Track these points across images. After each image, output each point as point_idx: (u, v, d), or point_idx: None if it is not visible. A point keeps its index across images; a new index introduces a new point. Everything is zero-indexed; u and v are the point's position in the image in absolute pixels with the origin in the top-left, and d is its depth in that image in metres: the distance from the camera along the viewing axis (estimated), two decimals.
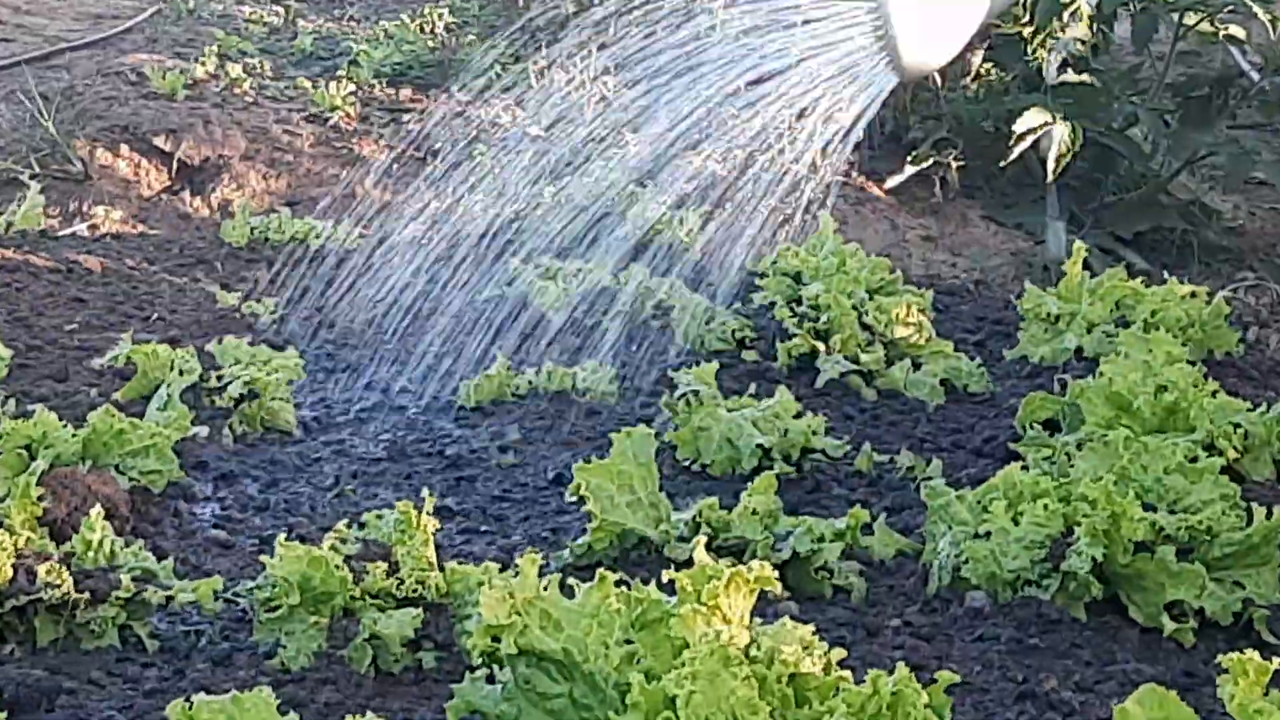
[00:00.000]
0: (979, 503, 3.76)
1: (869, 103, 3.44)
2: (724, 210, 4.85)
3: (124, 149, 6.99)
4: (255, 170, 7.03)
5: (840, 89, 3.46)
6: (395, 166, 7.30)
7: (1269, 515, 3.57)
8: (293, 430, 4.68)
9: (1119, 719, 2.77)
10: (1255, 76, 7.49)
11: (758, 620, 2.96)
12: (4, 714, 2.96)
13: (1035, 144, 6.68)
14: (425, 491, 3.68)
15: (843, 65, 3.37)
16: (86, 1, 11.50)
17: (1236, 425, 4.21)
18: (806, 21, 3.48)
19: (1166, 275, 5.39)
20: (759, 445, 4.31)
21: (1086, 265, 5.39)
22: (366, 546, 3.50)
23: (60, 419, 4.08)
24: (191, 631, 3.42)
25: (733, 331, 5.22)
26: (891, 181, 7.09)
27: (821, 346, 5.02)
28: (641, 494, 3.79)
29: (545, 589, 2.95)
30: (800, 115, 3.65)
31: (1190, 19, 7.04)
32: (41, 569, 3.29)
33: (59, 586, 3.28)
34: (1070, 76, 7.00)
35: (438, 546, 3.46)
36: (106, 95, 7.77)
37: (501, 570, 3.27)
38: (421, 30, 9.14)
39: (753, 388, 4.73)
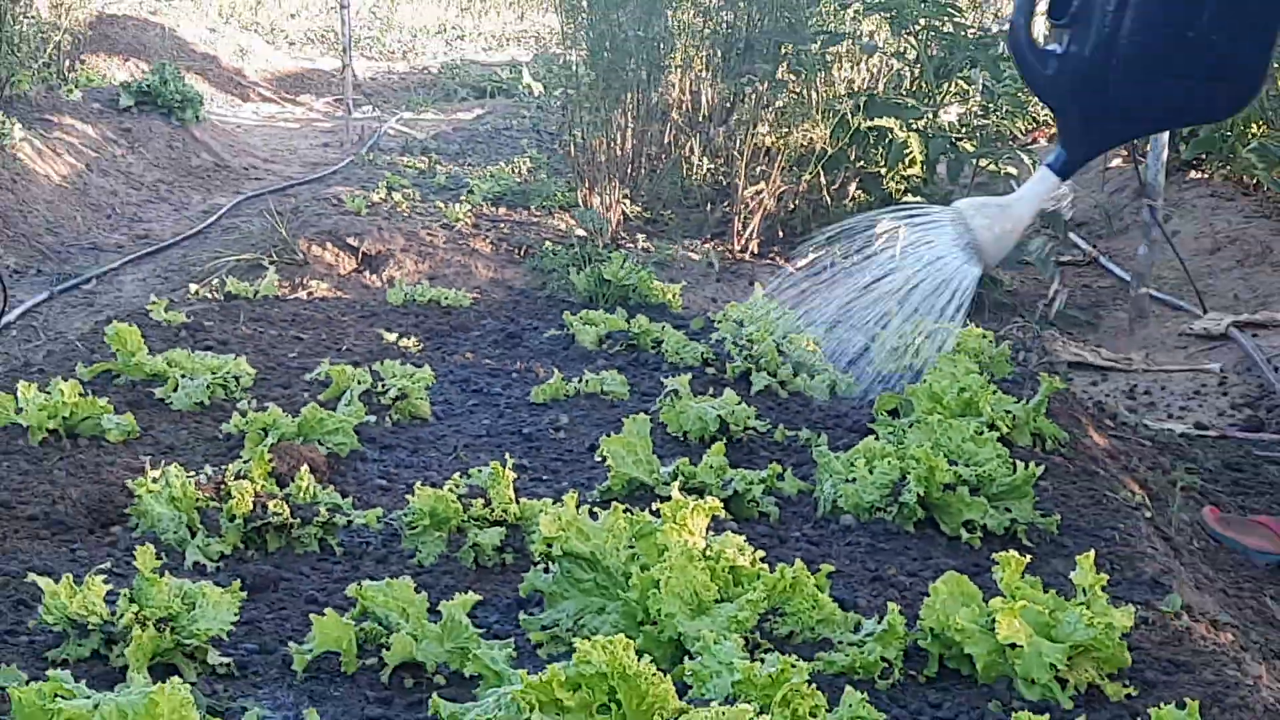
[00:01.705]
0: (849, 461, 4.01)
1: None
2: None
3: (328, 245, 7.41)
4: (409, 258, 7.39)
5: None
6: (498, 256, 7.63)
7: (1026, 467, 3.83)
8: (428, 418, 4.80)
9: (932, 593, 3.03)
10: None
11: (711, 533, 3.30)
12: (245, 594, 3.16)
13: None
14: (507, 456, 3.98)
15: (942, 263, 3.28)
16: (308, 157, 12.23)
17: (1008, 412, 4.45)
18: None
19: (967, 322, 5.11)
20: (717, 418, 4.47)
21: None
22: (471, 489, 3.76)
23: (284, 411, 4.38)
24: (363, 542, 3.69)
25: (701, 354, 5.41)
26: (800, 262, 7.02)
27: (754, 366, 5.21)
28: (642, 456, 4.00)
29: (580, 514, 3.24)
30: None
31: (983, 163, 7.48)
32: (271, 504, 3.61)
33: (281, 515, 3.59)
34: (910, 199, 7.23)
35: (516, 489, 3.68)
36: (318, 212, 8.24)
37: (554, 503, 3.47)
38: (513, 171, 9.76)
39: (711, 390, 4.90)
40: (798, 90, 7.65)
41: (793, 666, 2.57)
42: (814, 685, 2.56)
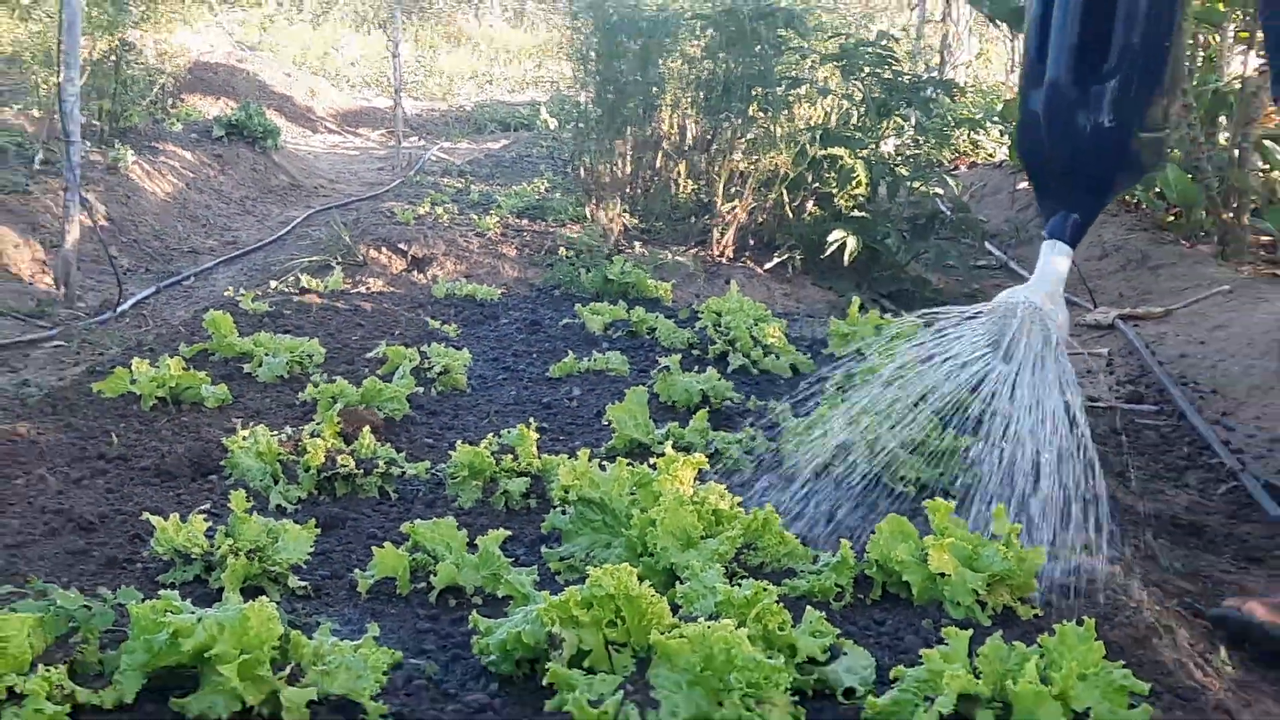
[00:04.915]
0: (808, 425, 3.86)
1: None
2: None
3: (383, 249, 7.36)
4: (449, 260, 7.32)
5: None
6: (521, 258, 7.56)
7: (954, 435, 3.58)
8: (465, 390, 4.80)
9: (877, 532, 2.99)
10: (948, 213, 7.80)
11: (697, 483, 3.32)
12: (318, 530, 3.14)
13: (840, 247, 7.16)
14: (531, 420, 4.04)
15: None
16: (365, 178, 12.23)
17: None
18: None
19: (900, 312, 5.54)
20: (700, 391, 4.52)
21: (862, 308, 5.60)
22: (502, 447, 3.79)
23: (349, 382, 4.38)
24: (414, 489, 3.69)
25: (687, 339, 5.45)
26: (767, 266, 7.41)
27: (730, 348, 5.23)
28: (640, 420, 4.03)
29: (591, 467, 3.30)
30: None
31: (916, 185, 7.57)
32: (339, 458, 3.65)
33: (347, 466, 3.62)
34: (857, 213, 7.38)
35: (538, 447, 3.74)
36: (374, 222, 8.24)
37: (569, 458, 3.57)
38: (533, 190, 9.68)
39: (696, 368, 4.94)
40: (766, 125, 7.58)
41: (764, 590, 2.56)
42: (781, 605, 2.56)
